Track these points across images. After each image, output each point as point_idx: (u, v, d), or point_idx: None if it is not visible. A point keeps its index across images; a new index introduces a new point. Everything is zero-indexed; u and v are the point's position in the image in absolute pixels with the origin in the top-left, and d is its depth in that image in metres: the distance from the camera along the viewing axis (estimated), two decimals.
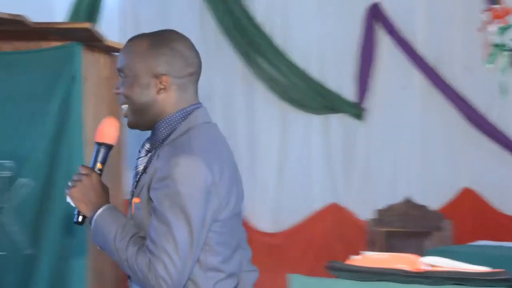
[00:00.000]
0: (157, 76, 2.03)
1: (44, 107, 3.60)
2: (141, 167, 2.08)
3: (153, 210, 1.94)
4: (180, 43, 2.08)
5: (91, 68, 3.76)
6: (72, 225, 3.49)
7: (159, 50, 2.04)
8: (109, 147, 2.08)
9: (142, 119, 2.06)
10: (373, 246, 4.63)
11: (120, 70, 2.08)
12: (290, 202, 4.99)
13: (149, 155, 2.07)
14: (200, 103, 2.10)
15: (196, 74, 2.09)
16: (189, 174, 1.92)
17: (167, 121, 2.04)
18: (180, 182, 1.91)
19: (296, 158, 5.06)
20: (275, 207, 4.99)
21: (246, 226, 4.89)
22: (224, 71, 5.05)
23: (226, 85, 5.05)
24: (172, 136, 2.02)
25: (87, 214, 2.02)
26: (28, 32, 3.64)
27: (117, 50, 3.96)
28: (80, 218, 2.06)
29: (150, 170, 2.00)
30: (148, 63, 2.03)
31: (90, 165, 2.08)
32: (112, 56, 3.97)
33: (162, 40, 2.06)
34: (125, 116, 2.10)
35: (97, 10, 4.59)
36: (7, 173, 3.60)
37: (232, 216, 2.04)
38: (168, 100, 2.04)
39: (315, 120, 5.08)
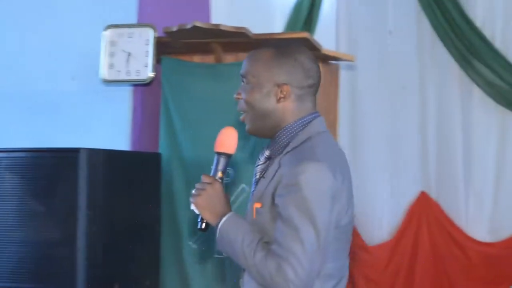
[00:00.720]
0: (278, 85, 2.10)
1: None
2: (260, 174, 2.14)
3: (279, 215, 1.97)
4: (303, 55, 2.12)
5: None
6: None
7: (282, 60, 2.10)
8: (228, 156, 2.15)
9: (261, 126, 2.13)
10: None
11: (243, 76, 2.15)
12: (509, 211, 4.78)
13: (267, 162, 2.13)
14: (317, 112, 2.15)
15: (315, 86, 2.15)
16: (315, 180, 1.96)
17: (287, 129, 2.10)
18: (306, 188, 1.95)
19: None
20: (492, 215, 4.81)
21: (461, 233, 4.77)
22: (440, 75, 4.94)
23: (442, 89, 4.94)
24: (292, 144, 2.07)
25: (212, 221, 2.09)
26: (250, 43, 3.78)
27: (333, 58, 4.01)
28: (204, 225, 2.12)
29: (270, 176, 2.05)
30: (271, 71, 2.10)
31: (211, 174, 2.15)
32: (328, 64, 4.02)
33: (287, 51, 2.11)
34: (244, 122, 2.17)
35: (314, 20, 4.66)
36: (228, 180, 3.76)
37: (349, 223, 2.08)
38: (287, 109, 2.11)
39: None
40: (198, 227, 2.13)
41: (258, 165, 2.18)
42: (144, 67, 3.82)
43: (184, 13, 4.21)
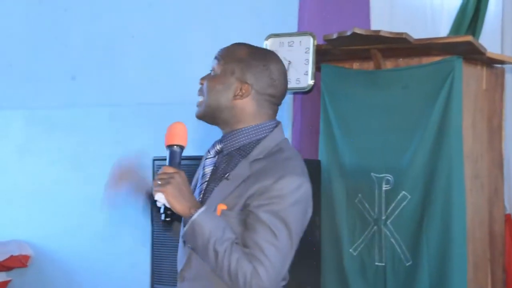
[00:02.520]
0: (241, 82, 2.12)
1: (423, 121, 3.63)
2: (208, 169, 2.17)
3: (257, 220, 2.01)
4: (275, 65, 2.16)
5: (471, 81, 3.73)
6: (450, 238, 3.50)
7: (254, 62, 2.14)
8: (182, 149, 2.11)
9: (211, 115, 2.16)
10: None
11: (216, 58, 2.19)
12: None
13: (217, 156, 2.17)
14: (276, 120, 2.18)
15: (276, 98, 2.16)
16: (297, 193, 2.04)
17: (246, 131, 2.14)
18: (289, 200, 2.03)
19: None
20: None
21: None
22: None
23: None
24: (259, 150, 2.11)
25: (182, 211, 2.03)
26: (410, 49, 3.72)
27: (499, 62, 3.87)
28: (169, 218, 2.05)
29: (237, 180, 2.07)
30: (239, 67, 2.13)
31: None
32: (492, 68, 3.90)
33: (261, 55, 2.16)
34: (198, 106, 2.18)
35: (479, 23, 4.51)
36: (388, 187, 3.72)
37: None
38: (244, 110, 2.14)
39: None
40: (162, 219, 2.06)
41: (207, 158, 2.21)
42: (304, 75, 3.85)
43: (344, 20, 4.20)
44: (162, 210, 2.06)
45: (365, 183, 3.75)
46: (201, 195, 2.17)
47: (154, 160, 3.71)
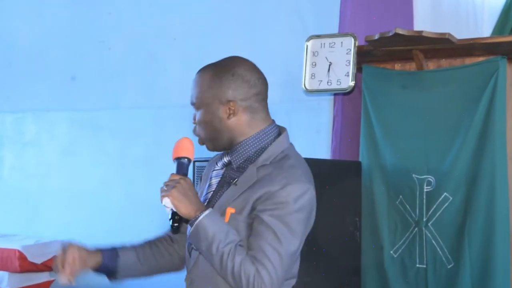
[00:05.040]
0: (224, 103, 2.15)
1: (467, 122, 3.59)
2: (215, 180, 2.23)
3: (263, 225, 2.06)
4: (241, 67, 2.17)
5: None
6: (493, 240, 3.45)
7: (222, 78, 2.15)
8: (189, 162, 2.18)
9: (217, 143, 2.20)
10: None
11: (192, 104, 2.22)
12: None
13: (225, 168, 2.22)
14: (274, 122, 2.20)
15: (261, 93, 2.18)
16: (302, 200, 2.08)
17: (249, 141, 2.17)
18: (294, 206, 2.07)
19: None
20: None
21: None
22: None
23: None
24: (266, 156, 2.14)
25: (188, 215, 2.08)
26: (453, 49, 3.68)
27: None
28: (176, 224, 2.10)
29: (244, 185, 2.12)
30: (214, 92, 2.16)
31: None
32: None
33: (224, 67, 2.17)
34: (202, 144, 2.21)
35: None
36: (429, 188, 3.69)
37: None
38: (241, 123, 2.17)
39: None
40: (171, 224, 2.11)
41: (215, 170, 2.26)
42: (345, 76, 3.84)
43: (386, 21, 4.18)
44: (170, 216, 2.12)
45: (406, 184, 3.73)
46: (206, 204, 2.22)
47: (194, 161, 3.73)
